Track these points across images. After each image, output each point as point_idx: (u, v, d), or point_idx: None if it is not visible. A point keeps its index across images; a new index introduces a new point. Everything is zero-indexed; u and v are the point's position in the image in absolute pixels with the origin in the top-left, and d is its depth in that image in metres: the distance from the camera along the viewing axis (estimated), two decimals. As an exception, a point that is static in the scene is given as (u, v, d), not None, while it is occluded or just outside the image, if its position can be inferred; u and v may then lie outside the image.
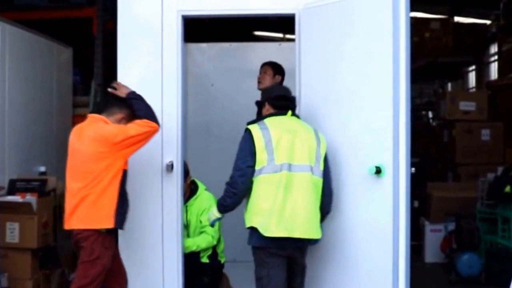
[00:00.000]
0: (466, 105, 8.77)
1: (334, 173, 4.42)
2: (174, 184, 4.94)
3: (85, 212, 4.30)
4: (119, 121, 4.43)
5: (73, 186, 4.39)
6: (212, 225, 4.59)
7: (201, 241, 5.13)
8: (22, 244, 5.57)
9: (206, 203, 5.10)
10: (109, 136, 4.25)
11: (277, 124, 4.24)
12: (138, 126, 4.29)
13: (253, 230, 4.17)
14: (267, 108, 4.42)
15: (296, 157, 4.16)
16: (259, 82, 5.62)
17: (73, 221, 4.35)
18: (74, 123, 7.39)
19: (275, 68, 5.63)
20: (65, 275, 6.38)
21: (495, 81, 10.83)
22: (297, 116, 4.44)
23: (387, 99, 4.19)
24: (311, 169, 4.18)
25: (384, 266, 4.23)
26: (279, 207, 4.09)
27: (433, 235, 7.65)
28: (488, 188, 6.95)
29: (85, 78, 7.70)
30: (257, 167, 4.12)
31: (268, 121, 4.27)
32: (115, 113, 4.44)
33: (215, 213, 4.38)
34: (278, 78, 5.60)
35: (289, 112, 4.36)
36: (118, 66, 4.96)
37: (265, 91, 4.66)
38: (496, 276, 6.51)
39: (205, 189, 5.30)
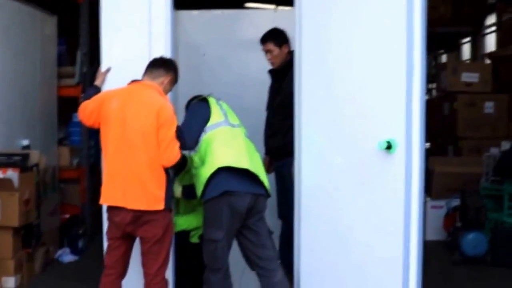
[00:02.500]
0: (469, 77, 8.53)
1: (340, 147, 4.16)
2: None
3: (152, 190, 3.96)
4: (165, 85, 4.19)
5: (129, 159, 3.97)
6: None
7: (193, 220, 4.76)
8: (3, 222, 5.37)
9: None
10: (169, 117, 4.01)
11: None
12: (176, 145, 4.03)
13: (213, 179, 4.07)
14: None
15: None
16: (272, 63, 5.14)
17: (136, 200, 3.95)
18: (59, 94, 7.19)
19: (277, 39, 5.06)
20: (49, 253, 6.29)
21: (498, 51, 10.50)
22: None
23: (400, 67, 3.81)
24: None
25: (394, 252, 4.00)
26: (245, 151, 4.20)
27: (434, 212, 7.43)
28: (496, 163, 6.69)
29: (71, 48, 7.41)
30: (213, 122, 4.22)
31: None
32: (161, 75, 4.17)
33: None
34: (285, 48, 5.05)
35: None
36: (101, 37, 4.54)
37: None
38: (502, 256, 6.32)
39: None
